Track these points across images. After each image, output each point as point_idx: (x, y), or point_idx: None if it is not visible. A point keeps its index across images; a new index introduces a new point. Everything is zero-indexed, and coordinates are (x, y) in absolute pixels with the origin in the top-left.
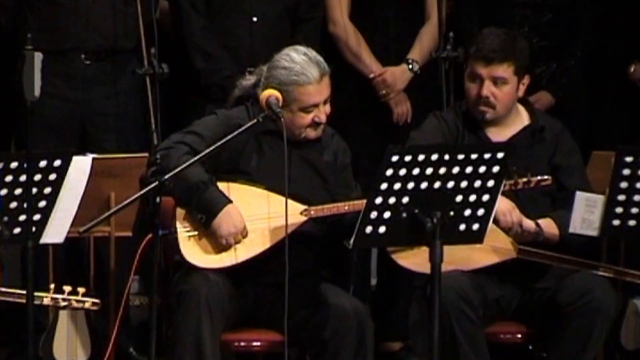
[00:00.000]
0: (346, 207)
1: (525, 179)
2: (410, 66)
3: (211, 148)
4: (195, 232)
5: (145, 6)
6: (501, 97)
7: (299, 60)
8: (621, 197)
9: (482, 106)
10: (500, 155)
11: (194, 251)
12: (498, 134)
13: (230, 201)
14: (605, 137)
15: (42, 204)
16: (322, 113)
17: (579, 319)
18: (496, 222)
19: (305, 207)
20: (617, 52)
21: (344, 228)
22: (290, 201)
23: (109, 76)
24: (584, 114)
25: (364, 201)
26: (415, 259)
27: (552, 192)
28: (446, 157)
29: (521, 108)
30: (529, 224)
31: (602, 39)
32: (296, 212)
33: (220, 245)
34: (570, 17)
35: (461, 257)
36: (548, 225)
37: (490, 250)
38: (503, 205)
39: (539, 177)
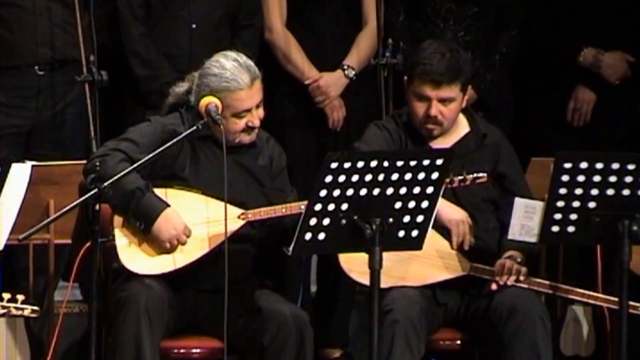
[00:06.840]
0: (283, 210)
1: (460, 177)
2: (346, 72)
3: (151, 155)
4: (135, 239)
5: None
6: (448, 115)
7: (229, 66)
8: (560, 204)
9: (430, 125)
10: (439, 161)
11: (132, 258)
12: (441, 144)
13: (167, 205)
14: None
15: None
16: (256, 117)
17: (521, 341)
18: (447, 229)
19: (242, 211)
20: (564, 44)
21: (284, 232)
22: (228, 206)
23: (61, 86)
24: (510, 111)
25: (301, 203)
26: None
27: (495, 199)
28: (385, 163)
29: (461, 116)
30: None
31: (548, 32)
32: (234, 217)
33: (159, 251)
34: (497, 11)
35: (415, 273)
36: None
37: (442, 267)
38: (458, 215)
39: (474, 175)
